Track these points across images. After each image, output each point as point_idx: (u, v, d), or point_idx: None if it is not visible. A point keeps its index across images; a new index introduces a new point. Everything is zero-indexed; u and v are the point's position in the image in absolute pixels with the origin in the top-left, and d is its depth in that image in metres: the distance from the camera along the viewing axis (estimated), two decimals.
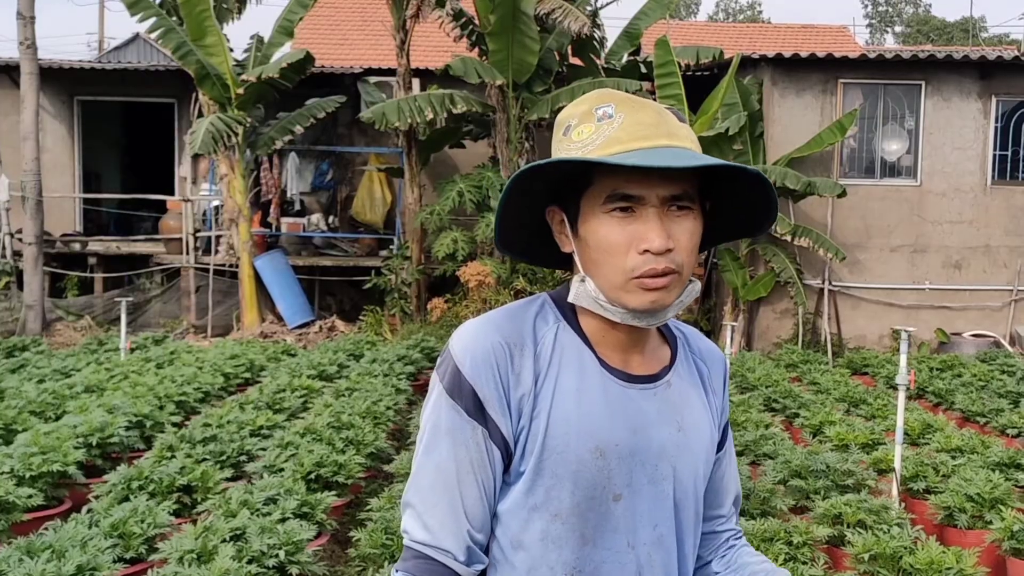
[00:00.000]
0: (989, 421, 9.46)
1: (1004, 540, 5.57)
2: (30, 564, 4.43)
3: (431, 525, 1.71)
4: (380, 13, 17.51)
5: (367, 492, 7.15)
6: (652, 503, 1.77)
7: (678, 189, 1.69)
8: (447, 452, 1.71)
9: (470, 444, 1.70)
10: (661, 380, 1.82)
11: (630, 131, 1.68)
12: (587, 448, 1.71)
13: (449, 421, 1.71)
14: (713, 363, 1.96)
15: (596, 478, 1.72)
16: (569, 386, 1.73)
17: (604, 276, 1.71)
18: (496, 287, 14.14)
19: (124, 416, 7.69)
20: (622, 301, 1.70)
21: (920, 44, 49.01)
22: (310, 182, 18.17)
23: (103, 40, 37.98)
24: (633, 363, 1.80)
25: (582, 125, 1.73)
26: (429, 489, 1.72)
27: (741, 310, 14.93)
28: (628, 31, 15.91)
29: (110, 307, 16.32)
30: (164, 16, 14.87)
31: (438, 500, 1.71)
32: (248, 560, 4.74)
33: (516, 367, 1.72)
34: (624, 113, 1.71)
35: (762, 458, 7.41)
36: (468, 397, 1.70)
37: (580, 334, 1.78)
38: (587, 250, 1.73)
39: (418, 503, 1.73)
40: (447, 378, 1.72)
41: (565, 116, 1.79)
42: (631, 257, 1.68)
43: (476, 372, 1.70)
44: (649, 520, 1.77)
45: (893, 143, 15.00)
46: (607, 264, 1.70)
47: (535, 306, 1.82)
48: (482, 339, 1.73)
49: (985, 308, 15.10)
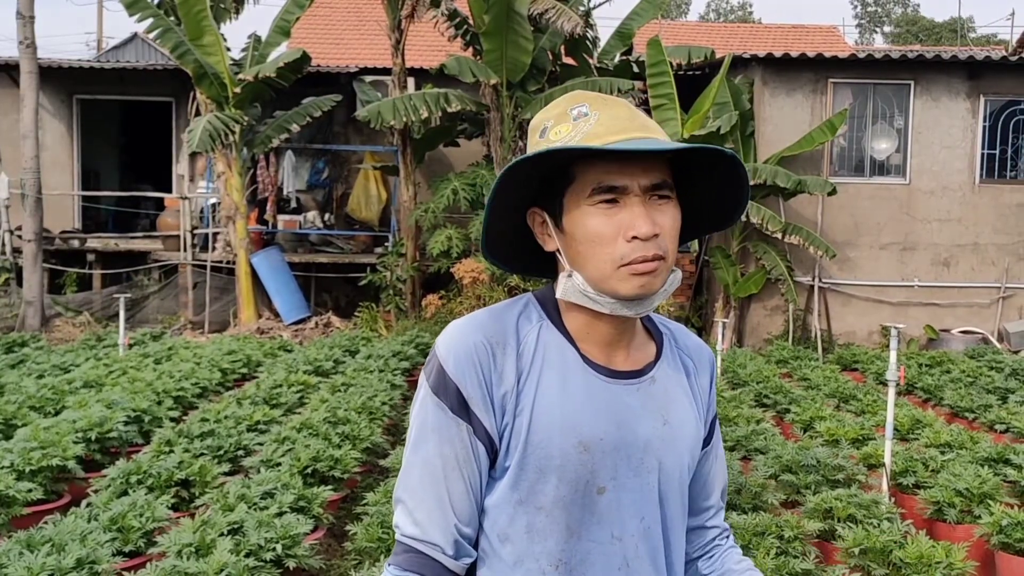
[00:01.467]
0: (978, 417, 9.48)
1: (993, 535, 5.60)
2: (30, 557, 4.46)
3: (420, 520, 1.74)
4: (375, 13, 17.50)
5: (363, 486, 7.17)
6: (638, 496, 1.80)
7: (658, 178, 1.73)
8: (433, 449, 1.75)
9: (455, 441, 1.74)
10: (646, 376, 1.85)
11: (607, 125, 1.72)
12: (570, 443, 1.74)
13: (435, 419, 1.75)
14: (700, 359, 1.98)
15: (579, 472, 1.74)
16: (552, 383, 1.76)
17: (593, 267, 1.73)
18: (490, 284, 14.20)
19: (123, 411, 7.72)
20: (612, 289, 1.73)
21: (909, 44, 48.90)
22: (306, 180, 18.19)
23: (102, 40, 37.90)
24: (617, 359, 1.83)
25: (559, 125, 1.77)
26: (417, 485, 1.76)
27: (732, 307, 14.99)
28: (620, 31, 15.93)
29: (108, 303, 16.34)
30: (162, 16, 14.89)
31: (425, 495, 1.75)
32: (246, 554, 4.76)
33: (499, 365, 1.75)
34: (599, 111, 1.75)
35: (753, 453, 7.43)
36: (452, 395, 1.74)
37: (563, 332, 1.81)
38: (574, 243, 1.76)
39: (407, 499, 1.77)
40: (432, 377, 1.77)
41: (540, 120, 1.82)
42: (619, 245, 1.71)
43: (459, 371, 1.74)
44: (635, 512, 1.80)
45: (882, 142, 15.06)
46: (596, 255, 1.73)
47: (519, 305, 1.85)
48: (465, 339, 1.76)
49: (974, 305, 15.18)
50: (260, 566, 4.73)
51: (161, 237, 17.44)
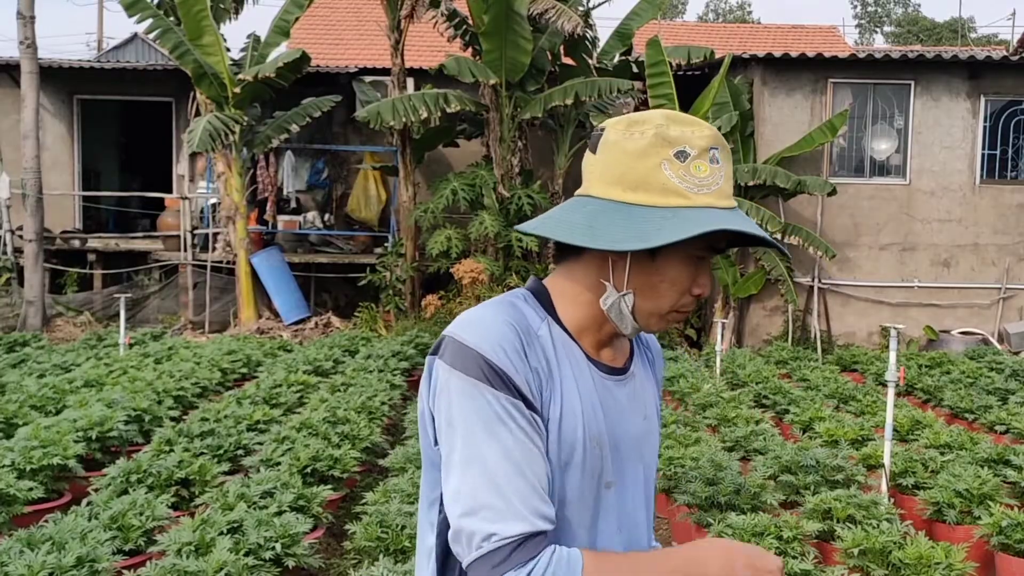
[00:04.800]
0: (977, 418, 9.49)
1: (992, 535, 5.60)
2: (31, 556, 4.46)
3: (521, 513, 1.62)
4: (375, 13, 17.52)
5: (362, 486, 7.17)
6: (632, 488, 1.87)
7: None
8: (508, 438, 1.65)
9: (518, 420, 1.66)
10: (628, 371, 1.90)
11: (725, 188, 1.73)
12: (590, 438, 1.76)
13: (487, 408, 1.66)
14: (657, 353, 2.07)
15: (595, 467, 1.77)
16: (569, 377, 1.77)
17: (654, 304, 1.77)
18: (489, 284, 14.22)
19: (123, 410, 7.73)
20: (647, 325, 1.80)
21: (909, 44, 48.97)
22: (306, 180, 18.21)
23: (102, 40, 37.92)
24: (606, 356, 1.86)
25: (699, 161, 1.71)
26: (504, 483, 1.63)
27: (732, 307, 15.00)
28: (620, 31, 15.95)
29: (109, 303, 16.36)
30: (162, 16, 14.91)
31: (518, 487, 1.63)
32: (245, 552, 4.77)
33: (532, 353, 1.72)
34: (725, 163, 1.74)
35: (752, 453, 7.46)
36: (500, 377, 1.66)
37: (563, 328, 1.82)
38: (654, 276, 1.75)
39: (494, 500, 1.62)
40: (473, 368, 1.67)
41: (678, 137, 1.71)
42: (685, 297, 1.77)
43: (502, 357, 1.67)
44: (632, 504, 1.87)
45: (882, 142, 15.08)
46: (666, 297, 1.76)
47: (520, 299, 1.81)
48: (498, 326, 1.71)
49: (974, 306, 15.19)
50: (259, 565, 4.74)
51: (161, 237, 17.47)
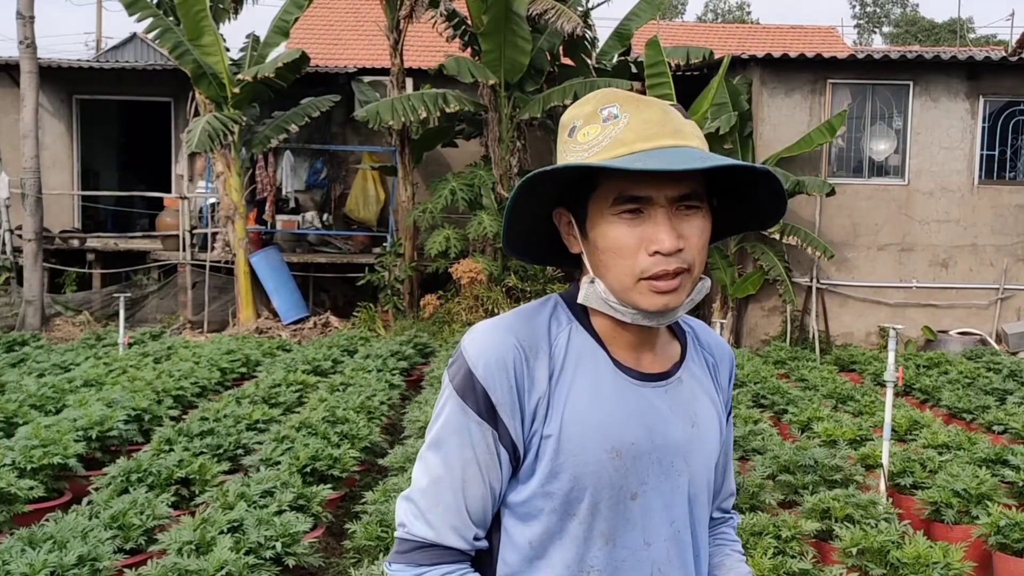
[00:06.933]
0: (975, 418, 9.48)
1: (990, 535, 5.60)
2: (32, 554, 4.47)
3: (434, 522, 1.71)
4: (374, 13, 17.54)
5: (362, 485, 7.18)
6: (668, 499, 1.77)
7: (686, 188, 1.66)
8: (455, 451, 1.70)
9: (479, 444, 1.69)
10: (672, 377, 1.81)
11: (636, 131, 1.65)
12: (604, 448, 1.70)
13: (458, 421, 1.70)
14: (721, 357, 1.96)
15: (613, 478, 1.71)
16: (583, 387, 1.72)
17: (614, 278, 1.69)
18: (488, 284, 14.25)
19: (123, 410, 7.72)
20: (633, 301, 1.69)
21: (908, 45, 48.99)
22: (305, 180, 18.24)
23: (101, 40, 37.89)
24: (645, 361, 1.80)
25: (587, 126, 1.70)
26: (433, 486, 1.72)
27: (730, 307, 15.01)
28: (619, 31, 15.97)
29: (108, 303, 16.36)
30: (161, 16, 14.92)
31: (442, 498, 1.71)
32: (245, 551, 4.78)
33: (531, 371, 1.70)
34: (629, 113, 1.68)
35: (751, 453, 7.42)
36: (480, 399, 1.68)
37: (593, 334, 1.77)
38: (596, 252, 1.71)
39: (419, 499, 1.73)
40: (459, 379, 1.71)
41: (569, 117, 1.75)
42: (641, 259, 1.66)
43: (489, 375, 1.68)
44: (666, 516, 1.77)
45: (881, 143, 15.09)
46: (617, 266, 1.68)
47: (548, 307, 1.80)
48: (497, 343, 1.71)
49: (972, 306, 15.20)
50: (260, 564, 4.75)
51: (160, 237, 17.49)
